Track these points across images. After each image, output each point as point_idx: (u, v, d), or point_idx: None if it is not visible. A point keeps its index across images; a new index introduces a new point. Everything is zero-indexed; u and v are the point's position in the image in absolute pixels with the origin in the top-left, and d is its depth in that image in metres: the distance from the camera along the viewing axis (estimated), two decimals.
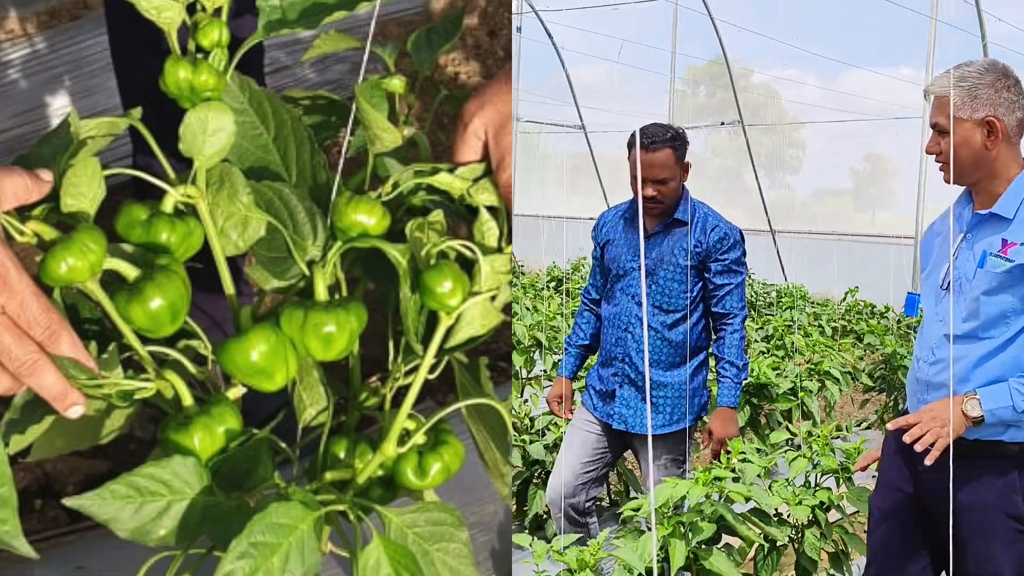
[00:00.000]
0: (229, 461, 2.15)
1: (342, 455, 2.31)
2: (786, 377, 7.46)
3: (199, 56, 2.31)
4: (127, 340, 2.16)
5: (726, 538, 3.95)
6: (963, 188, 3.48)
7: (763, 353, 8.71)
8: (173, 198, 2.23)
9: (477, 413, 2.37)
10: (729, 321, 4.61)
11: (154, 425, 2.79)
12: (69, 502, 1.96)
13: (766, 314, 13.83)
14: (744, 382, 4.76)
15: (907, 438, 3.16)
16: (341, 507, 2.17)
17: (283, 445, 2.30)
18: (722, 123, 20.01)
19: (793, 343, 9.36)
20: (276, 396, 2.29)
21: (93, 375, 2.08)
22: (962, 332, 3.29)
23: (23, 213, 2.09)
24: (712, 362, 4.94)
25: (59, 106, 4.13)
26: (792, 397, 7.35)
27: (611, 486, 6.46)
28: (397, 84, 2.54)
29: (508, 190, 2.41)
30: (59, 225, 2.12)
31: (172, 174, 2.27)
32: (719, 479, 3.83)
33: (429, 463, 2.26)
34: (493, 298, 2.32)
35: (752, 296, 15.79)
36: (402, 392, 2.31)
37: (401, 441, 2.27)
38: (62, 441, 2.24)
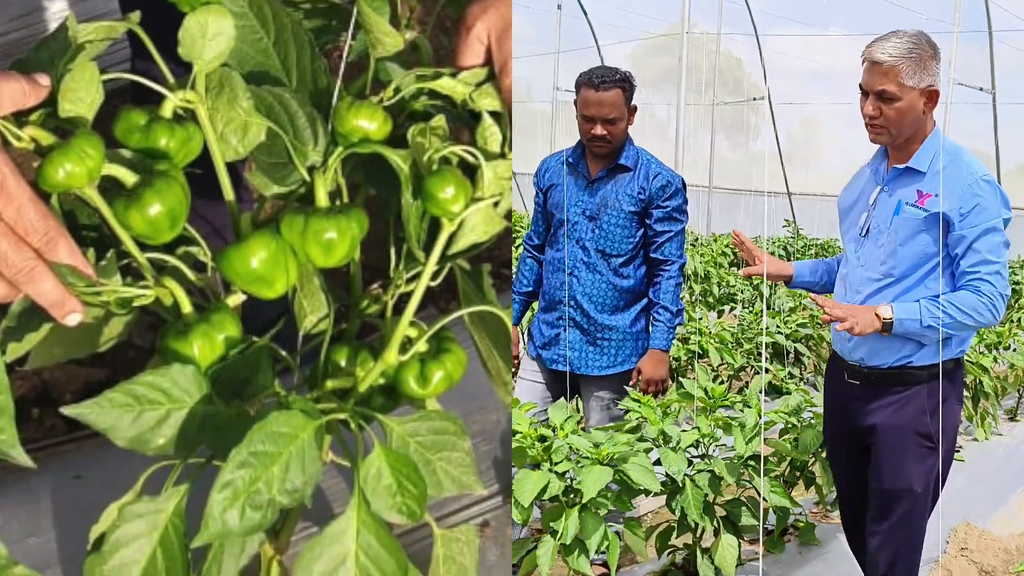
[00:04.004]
0: (229, 369, 2.14)
1: (343, 363, 2.30)
2: None
3: None
4: (125, 247, 2.15)
5: None
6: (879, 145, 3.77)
7: None
8: (172, 103, 2.21)
9: (480, 320, 2.36)
10: (667, 267, 4.67)
11: (153, 333, 2.77)
12: (67, 411, 1.96)
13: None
14: (678, 327, 4.86)
15: (834, 323, 3.45)
16: (342, 416, 2.17)
17: (283, 353, 2.29)
18: (753, 99, 20.48)
19: None
20: (276, 303, 2.28)
21: (91, 282, 2.07)
22: (880, 275, 3.61)
23: (20, 118, 2.07)
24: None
25: (56, 10, 4.08)
26: None
27: None
28: None
29: (510, 95, 2.38)
30: (57, 130, 2.10)
31: (171, 79, 2.24)
32: None
33: (431, 371, 2.25)
34: (496, 204, 2.30)
35: (804, 247, 17.60)
36: (404, 299, 2.30)
37: (403, 349, 2.26)
38: (60, 349, 2.23)
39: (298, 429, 2.00)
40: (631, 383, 4.69)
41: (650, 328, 4.73)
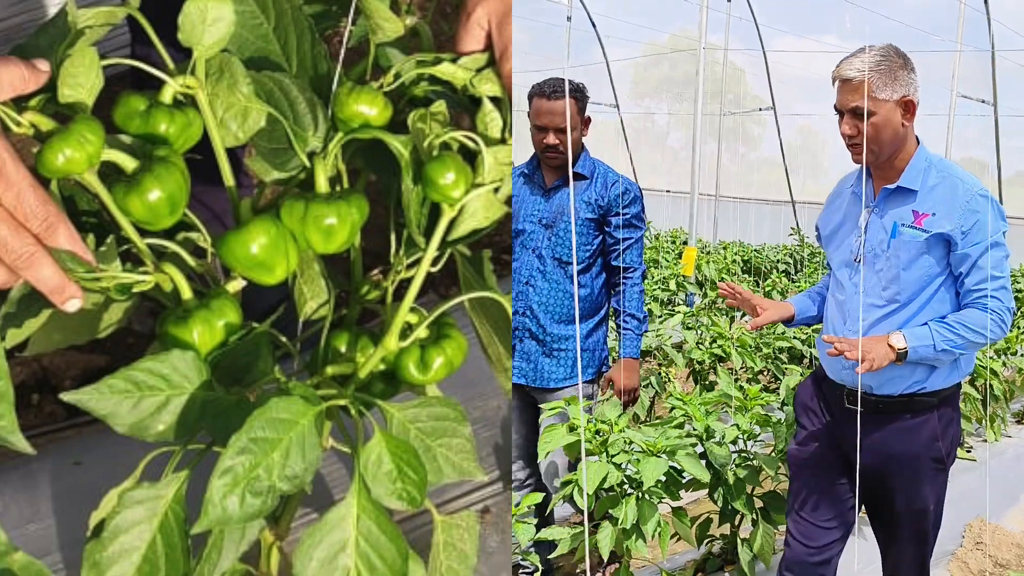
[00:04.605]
0: (229, 355, 2.14)
1: (343, 349, 2.30)
2: None
3: None
4: (125, 232, 2.14)
5: None
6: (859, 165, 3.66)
7: None
8: (172, 88, 2.21)
9: (480, 306, 2.36)
10: (630, 275, 4.62)
11: (153, 319, 2.77)
12: (67, 397, 1.96)
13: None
14: (644, 333, 4.81)
15: (848, 356, 3.34)
16: (342, 402, 2.16)
17: (283, 339, 2.29)
18: (759, 109, 20.66)
19: None
20: (276, 289, 2.28)
21: (91, 268, 2.07)
22: (883, 300, 3.53)
23: (20, 104, 2.06)
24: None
25: None
26: None
27: None
28: None
29: (510, 80, 2.38)
30: (56, 116, 2.10)
31: (171, 64, 2.24)
32: None
33: (431, 357, 2.25)
34: (496, 190, 2.30)
35: (809, 255, 17.86)
36: (404, 285, 2.30)
37: (403, 335, 2.26)
38: (59, 335, 2.23)
39: (298, 415, 2.00)
40: (603, 393, 4.66)
41: (609, 338, 4.70)
